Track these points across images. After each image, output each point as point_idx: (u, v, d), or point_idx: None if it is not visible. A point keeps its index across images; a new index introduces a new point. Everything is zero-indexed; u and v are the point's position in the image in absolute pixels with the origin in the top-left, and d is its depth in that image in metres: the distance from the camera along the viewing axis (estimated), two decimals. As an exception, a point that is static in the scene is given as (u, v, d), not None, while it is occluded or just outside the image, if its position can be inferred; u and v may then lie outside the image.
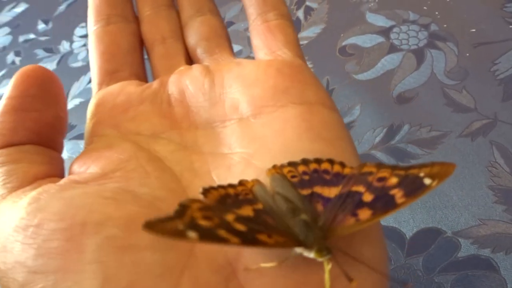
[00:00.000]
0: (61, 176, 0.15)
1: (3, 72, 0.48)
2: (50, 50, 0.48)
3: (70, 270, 0.11)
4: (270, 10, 0.18)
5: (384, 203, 0.12)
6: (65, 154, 0.38)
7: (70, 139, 0.39)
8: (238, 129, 0.15)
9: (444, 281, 0.23)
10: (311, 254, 0.11)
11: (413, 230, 0.25)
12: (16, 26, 0.53)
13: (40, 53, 0.48)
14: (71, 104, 0.41)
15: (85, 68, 0.44)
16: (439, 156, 0.27)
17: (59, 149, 0.16)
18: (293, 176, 0.13)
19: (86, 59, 0.45)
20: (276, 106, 0.15)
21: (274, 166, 0.13)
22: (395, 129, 0.29)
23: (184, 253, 0.12)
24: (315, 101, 0.15)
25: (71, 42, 0.47)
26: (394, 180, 0.12)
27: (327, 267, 0.11)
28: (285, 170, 0.13)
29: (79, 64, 0.45)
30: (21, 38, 0.51)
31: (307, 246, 0.11)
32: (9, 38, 0.52)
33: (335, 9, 0.38)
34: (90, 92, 0.42)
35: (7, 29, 0.54)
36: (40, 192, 0.13)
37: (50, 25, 0.51)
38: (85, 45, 0.46)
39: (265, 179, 0.13)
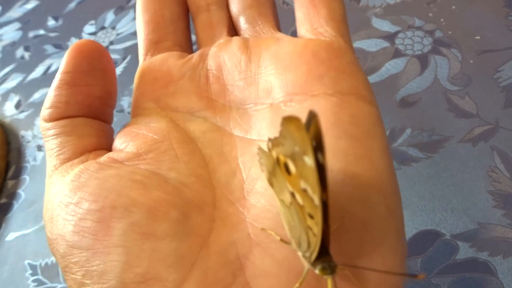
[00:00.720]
0: (109, 146, 0.16)
1: (12, 66, 0.49)
2: (59, 46, 0.48)
3: (98, 250, 0.12)
4: None
5: None
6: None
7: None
8: (269, 116, 0.15)
9: (441, 283, 0.23)
10: (316, 271, 0.11)
11: (412, 231, 0.25)
12: (27, 22, 0.54)
13: (49, 48, 0.49)
14: (78, 99, 0.42)
15: (93, 65, 0.44)
16: (440, 160, 0.27)
17: (108, 121, 0.16)
18: None
19: (94, 56, 0.45)
20: (307, 95, 0.14)
21: None
22: (397, 132, 0.29)
23: (198, 244, 0.12)
24: (348, 92, 0.14)
25: (80, 39, 0.48)
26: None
27: (330, 283, 0.11)
28: None
29: (87, 60, 0.45)
30: (31, 34, 0.52)
31: (312, 262, 0.11)
32: (19, 34, 0.53)
33: (342, 13, 0.38)
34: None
35: (17, 25, 0.54)
36: (82, 170, 0.14)
37: (60, 21, 0.52)
38: (93, 42, 0.47)
39: None
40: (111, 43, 0.46)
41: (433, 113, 0.30)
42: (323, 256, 0.11)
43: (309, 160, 0.10)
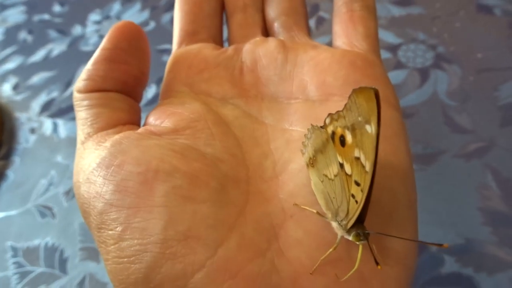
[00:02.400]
0: (138, 123, 0.16)
1: (14, 48, 0.49)
2: (63, 31, 0.48)
3: (140, 209, 0.13)
4: (357, 0, 0.18)
5: None
6: (63, 133, 0.38)
7: (70, 119, 0.39)
8: (302, 109, 0.16)
9: (424, 296, 0.23)
10: (347, 234, 0.13)
11: (399, 242, 0.25)
12: (33, 6, 0.54)
13: (52, 33, 0.48)
14: (76, 85, 0.42)
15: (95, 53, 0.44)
16: (433, 173, 0.27)
17: (138, 100, 0.17)
18: None
19: (97, 44, 0.45)
20: (343, 97, 0.15)
21: None
22: (392, 142, 0.29)
23: (235, 212, 0.13)
24: (381, 98, 0.15)
25: (84, 26, 0.48)
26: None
27: (361, 249, 0.12)
28: None
29: (89, 48, 0.45)
30: (35, 18, 0.52)
31: (347, 229, 0.13)
32: (24, 17, 0.53)
33: None
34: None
35: (23, 8, 0.54)
36: (122, 137, 0.14)
37: (66, 8, 0.52)
38: (98, 30, 0.47)
39: None
40: (115, 33, 0.46)
41: (430, 126, 0.29)
42: (358, 224, 0.12)
43: (370, 128, 0.12)
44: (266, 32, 0.20)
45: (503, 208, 0.25)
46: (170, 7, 0.46)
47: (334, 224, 0.13)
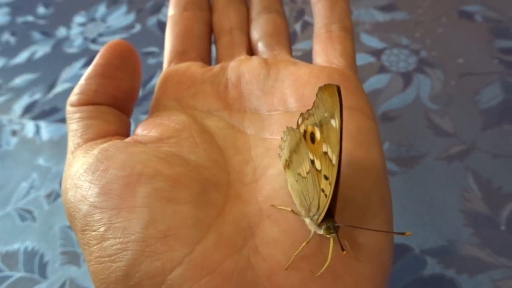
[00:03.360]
0: (127, 135, 0.17)
1: (-4, 50, 0.48)
2: (47, 33, 0.48)
3: (123, 209, 0.13)
4: (335, 22, 0.20)
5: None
6: (45, 136, 0.37)
7: (53, 121, 0.38)
8: (282, 120, 0.17)
9: (407, 297, 0.23)
10: (319, 229, 0.13)
11: (382, 244, 0.25)
12: (17, 7, 0.53)
13: (36, 35, 0.48)
14: (60, 87, 0.41)
15: (79, 55, 0.44)
16: (415, 175, 0.27)
17: (128, 114, 0.18)
18: None
19: (81, 46, 0.45)
20: None
21: None
22: (376, 145, 0.29)
23: (214, 213, 0.14)
24: (355, 108, 0.17)
25: (69, 28, 0.47)
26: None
27: (332, 242, 0.13)
28: None
29: (74, 50, 0.45)
30: (19, 20, 0.51)
31: (318, 223, 0.13)
32: (7, 18, 0.52)
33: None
34: (80, 78, 0.42)
35: (7, 9, 0.54)
36: (109, 145, 0.15)
37: (51, 10, 0.51)
38: (82, 32, 0.46)
39: None
40: (100, 35, 0.45)
41: (413, 129, 0.30)
42: (328, 219, 0.13)
43: (334, 122, 0.12)
44: (251, 51, 0.21)
45: (484, 210, 0.25)
46: (155, 10, 0.46)
47: (307, 221, 0.14)
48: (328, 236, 0.13)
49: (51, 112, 0.39)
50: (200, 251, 0.13)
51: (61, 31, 0.47)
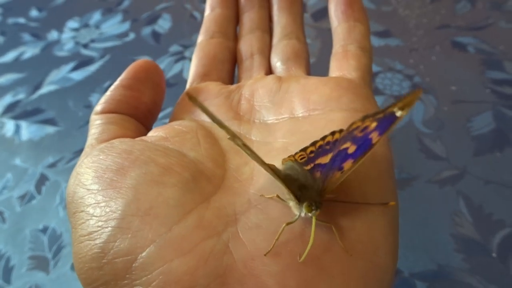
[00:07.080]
0: None
1: (-17, 49, 0.47)
2: (37, 35, 0.47)
3: (111, 188, 0.14)
4: (353, 43, 0.20)
5: (363, 148, 0.12)
6: (25, 136, 0.36)
7: (35, 122, 0.37)
8: (287, 125, 0.17)
9: (394, 323, 0.22)
10: (303, 210, 0.13)
11: (371, 265, 0.24)
12: (9, 9, 0.53)
13: (26, 36, 0.47)
14: (45, 89, 0.40)
15: (69, 58, 0.43)
16: (406, 197, 0.27)
17: (148, 127, 0.19)
18: (302, 158, 0.15)
19: (72, 50, 0.44)
20: (325, 110, 0.17)
21: (289, 155, 0.15)
22: (367, 164, 0.29)
23: (199, 199, 0.14)
24: (360, 110, 0.17)
25: (61, 32, 0.47)
26: (374, 125, 0.13)
27: (314, 221, 0.12)
28: (297, 156, 0.15)
29: (64, 53, 0.44)
30: (10, 21, 0.50)
31: (300, 202, 0.13)
32: (-2, 19, 0.51)
33: (327, 47, 0.38)
34: (67, 81, 0.40)
35: (-2, 10, 0.53)
36: (116, 140, 0.16)
37: (44, 13, 0.50)
38: (74, 37, 0.45)
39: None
40: (92, 40, 0.44)
41: (405, 152, 0.29)
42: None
43: None
44: (270, 73, 0.21)
45: (475, 236, 0.25)
46: (151, 21, 0.46)
47: (292, 203, 0.13)
48: (310, 214, 0.12)
49: (34, 112, 0.38)
50: (177, 231, 0.12)
51: (53, 34, 0.47)
